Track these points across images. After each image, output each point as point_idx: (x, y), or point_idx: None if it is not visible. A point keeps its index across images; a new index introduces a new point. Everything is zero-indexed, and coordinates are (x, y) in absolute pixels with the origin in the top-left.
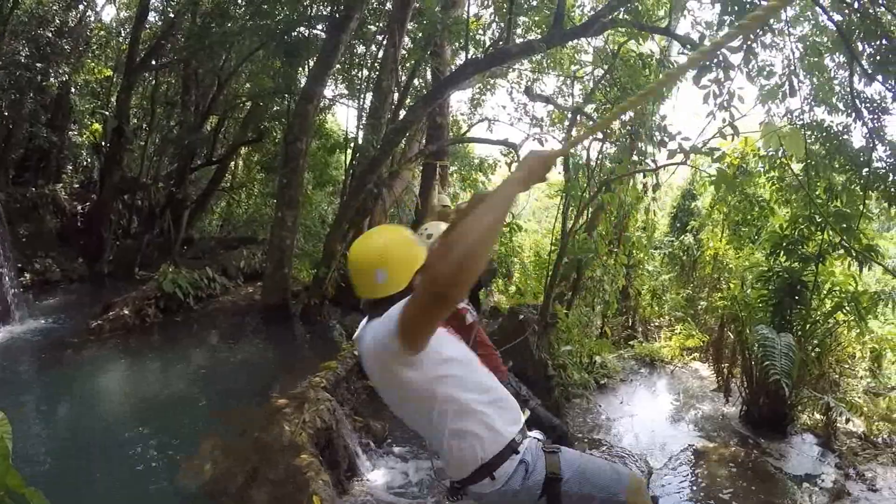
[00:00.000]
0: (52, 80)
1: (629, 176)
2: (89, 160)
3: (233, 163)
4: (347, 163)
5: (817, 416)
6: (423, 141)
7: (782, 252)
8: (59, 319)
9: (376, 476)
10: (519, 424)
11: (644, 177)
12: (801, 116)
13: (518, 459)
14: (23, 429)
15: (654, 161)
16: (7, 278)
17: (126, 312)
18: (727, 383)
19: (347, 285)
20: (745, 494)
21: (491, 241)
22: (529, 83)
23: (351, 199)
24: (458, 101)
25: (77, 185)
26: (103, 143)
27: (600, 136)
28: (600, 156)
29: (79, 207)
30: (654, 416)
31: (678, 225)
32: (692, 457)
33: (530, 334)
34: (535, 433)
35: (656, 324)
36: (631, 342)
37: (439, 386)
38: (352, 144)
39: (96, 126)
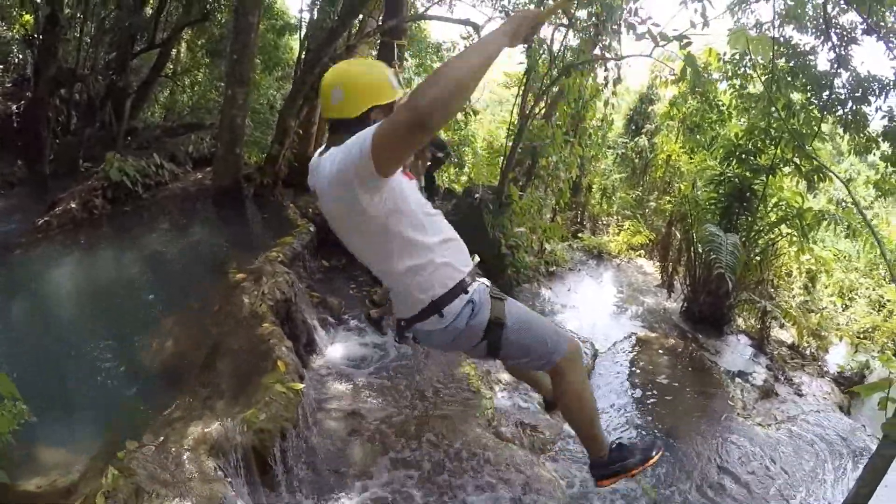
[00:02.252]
0: None
1: (591, 66)
2: (21, 56)
3: (176, 48)
4: (301, 37)
5: (752, 321)
6: (381, 17)
7: (735, 160)
8: (3, 224)
9: (334, 350)
10: (469, 266)
11: (605, 70)
12: (771, 30)
13: (466, 299)
14: None
15: (616, 53)
16: None
17: (73, 206)
18: (671, 280)
19: (301, 165)
20: (683, 381)
21: (475, 80)
22: None
23: (305, 75)
24: None
25: (10, 84)
26: (35, 35)
27: (565, 22)
28: (563, 45)
29: (13, 107)
30: (599, 305)
31: (633, 127)
32: (635, 344)
33: (485, 213)
34: (484, 280)
35: (604, 221)
36: (580, 235)
37: (396, 221)
38: (305, 19)
39: (27, 17)
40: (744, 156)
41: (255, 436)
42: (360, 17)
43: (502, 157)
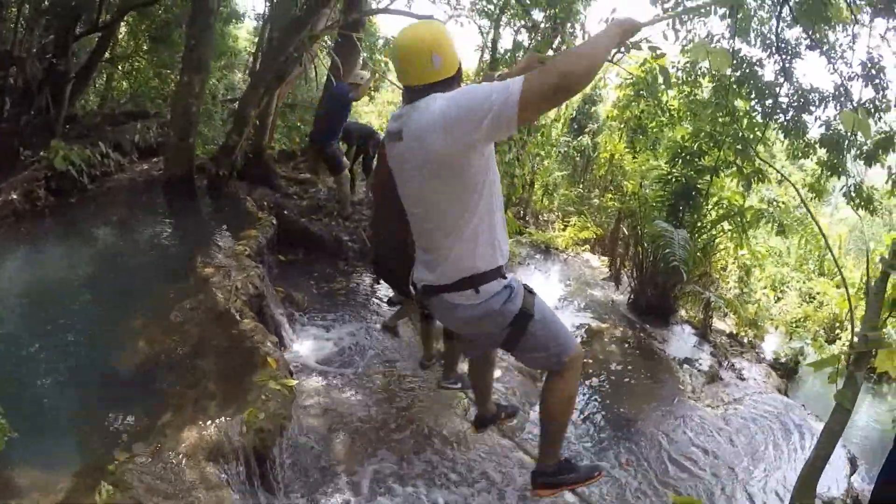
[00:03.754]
0: None
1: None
2: None
3: (116, 33)
4: (260, 27)
5: (694, 311)
6: (342, 10)
7: (681, 161)
8: None
9: (301, 346)
10: (506, 257)
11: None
12: (720, 42)
13: (504, 284)
14: None
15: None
16: None
17: (14, 197)
18: (618, 273)
19: (255, 156)
20: (634, 368)
21: (601, 63)
22: None
23: (269, 63)
24: None
25: None
26: None
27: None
28: (523, 44)
29: None
30: (549, 298)
31: (576, 127)
32: (586, 334)
33: None
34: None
35: (545, 217)
36: (526, 230)
37: (484, 183)
38: (259, 9)
39: None
40: (689, 157)
41: (255, 436)
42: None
43: None
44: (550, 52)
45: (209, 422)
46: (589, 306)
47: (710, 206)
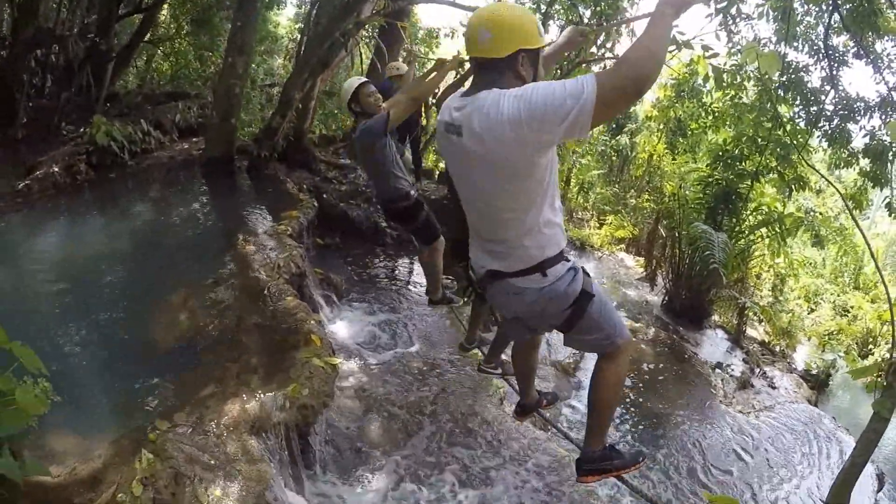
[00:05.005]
0: None
1: (588, 65)
2: None
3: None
4: (305, 12)
5: (728, 317)
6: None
7: (722, 164)
8: None
9: (339, 328)
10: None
11: (603, 68)
12: (768, 46)
13: (569, 266)
14: None
15: (615, 54)
16: None
17: (56, 170)
18: (653, 274)
19: (296, 140)
20: (667, 369)
21: (665, 53)
22: None
23: (314, 48)
24: None
25: None
26: None
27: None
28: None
29: None
30: None
31: (614, 126)
32: None
33: None
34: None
35: (580, 215)
36: (569, 226)
37: (550, 175)
38: None
39: None
40: (730, 161)
41: (298, 412)
42: None
43: None
44: (594, 49)
45: (252, 396)
46: (622, 305)
47: (749, 212)
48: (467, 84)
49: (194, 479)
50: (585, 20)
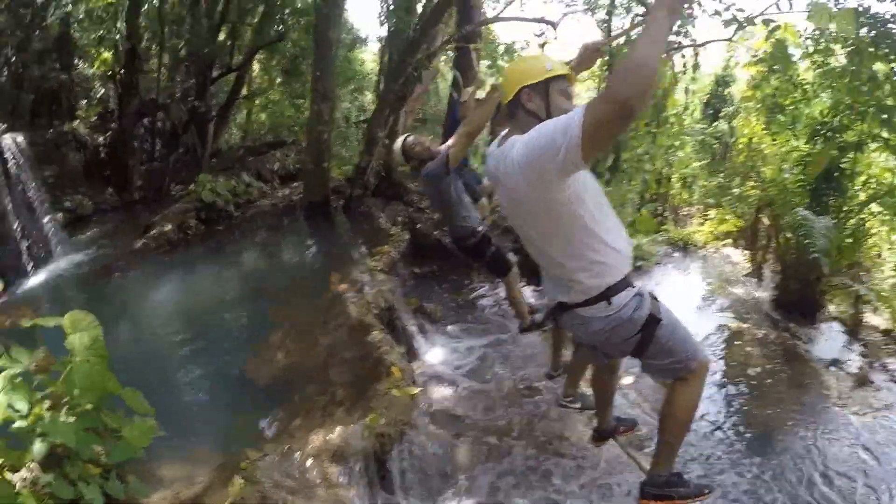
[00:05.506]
0: (51, 16)
1: (668, 53)
2: (104, 90)
3: (249, 70)
4: (380, 49)
5: (844, 307)
6: (456, 23)
7: (821, 139)
8: (99, 249)
9: (434, 355)
10: (630, 266)
11: (682, 56)
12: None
13: (634, 292)
14: None
15: (693, 39)
16: (43, 221)
17: (168, 228)
18: (760, 268)
19: (387, 175)
20: (775, 372)
21: (655, 70)
22: None
23: (390, 85)
24: None
25: (95, 118)
26: (116, 70)
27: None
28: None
29: (100, 139)
30: (688, 299)
31: (710, 112)
32: (725, 337)
33: None
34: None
35: (685, 211)
36: (664, 227)
37: (579, 207)
38: (380, 33)
39: (106, 55)
40: (829, 133)
41: (376, 440)
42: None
43: None
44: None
45: (334, 426)
46: (730, 305)
47: (858, 187)
48: None
49: (279, 502)
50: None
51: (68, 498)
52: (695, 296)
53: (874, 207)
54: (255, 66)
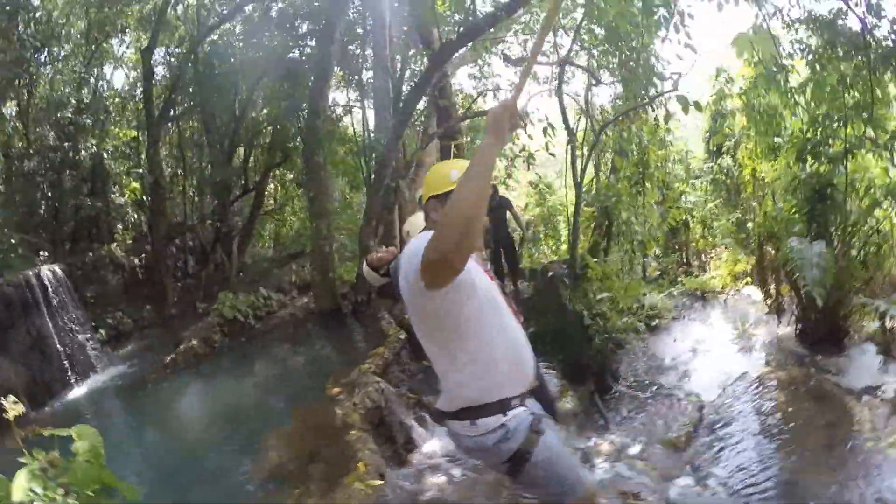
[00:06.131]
0: (82, 154)
1: (632, 113)
2: (136, 216)
3: (271, 186)
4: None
5: (873, 324)
6: (434, 125)
7: (809, 156)
8: (136, 363)
9: (433, 445)
10: (521, 387)
11: (653, 110)
12: (789, 13)
13: (502, 421)
14: (114, 448)
15: (645, 96)
16: (84, 337)
17: (195, 343)
18: (777, 304)
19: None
20: (802, 416)
21: (479, 209)
22: (523, 44)
23: (374, 196)
24: (467, 76)
25: (130, 241)
26: (144, 198)
27: (593, 80)
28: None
29: (136, 260)
30: (708, 349)
31: (713, 148)
32: (747, 384)
33: (561, 288)
34: (536, 407)
35: (711, 255)
36: (681, 278)
37: (462, 316)
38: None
39: (134, 185)
40: (815, 148)
41: None
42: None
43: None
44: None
45: None
46: (752, 349)
47: (858, 197)
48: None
49: None
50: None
51: None
52: (716, 345)
53: (882, 212)
54: (275, 183)
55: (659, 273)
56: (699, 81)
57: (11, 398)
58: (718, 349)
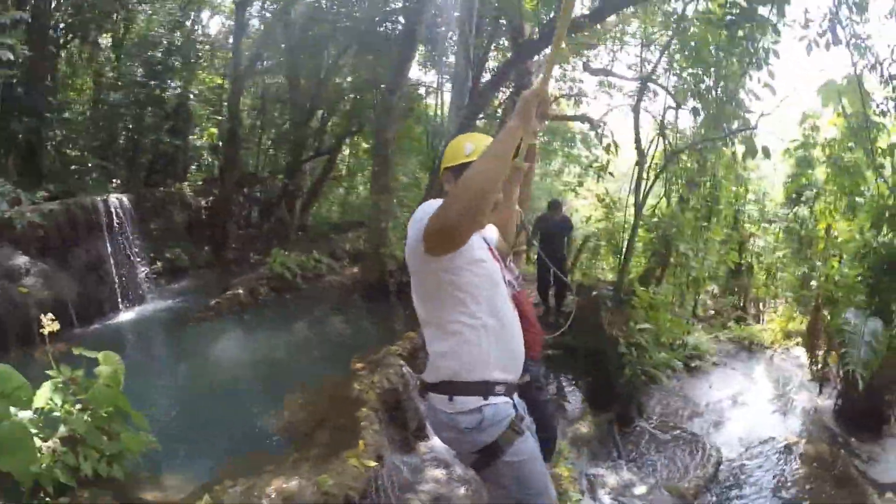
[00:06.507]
0: (168, 93)
1: (709, 144)
2: (210, 159)
3: (345, 152)
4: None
5: None
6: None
7: (885, 224)
8: (185, 300)
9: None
10: (508, 375)
11: (732, 144)
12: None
13: (481, 404)
14: (147, 382)
15: (726, 128)
16: (140, 267)
17: (241, 292)
18: (823, 373)
19: None
20: (819, 498)
21: (495, 183)
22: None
23: (436, 180)
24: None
25: (201, 183)
26: (220, 144)
27: (673, 103)
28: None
29: (203, 202)
30: (743, 404)
31: (794, 195)
32: (773, 450)
33: (602, 310)
34: (522, 407)
35: (770, 305)
36: (733, 324)
37: (456, 285)
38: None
39: (212, 130)
40: (891, 216)
41: (322, 496)
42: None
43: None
44: None
45: (293, 478)
46: (786, 414)
47: None
48: None
49: None
50: None
51: (72, 464)
52: (751, 402)
53: None
54: (348, 150)
55: (712, 313)
56: (789, 121)
57: (49, 315)
58: (753, 406)
